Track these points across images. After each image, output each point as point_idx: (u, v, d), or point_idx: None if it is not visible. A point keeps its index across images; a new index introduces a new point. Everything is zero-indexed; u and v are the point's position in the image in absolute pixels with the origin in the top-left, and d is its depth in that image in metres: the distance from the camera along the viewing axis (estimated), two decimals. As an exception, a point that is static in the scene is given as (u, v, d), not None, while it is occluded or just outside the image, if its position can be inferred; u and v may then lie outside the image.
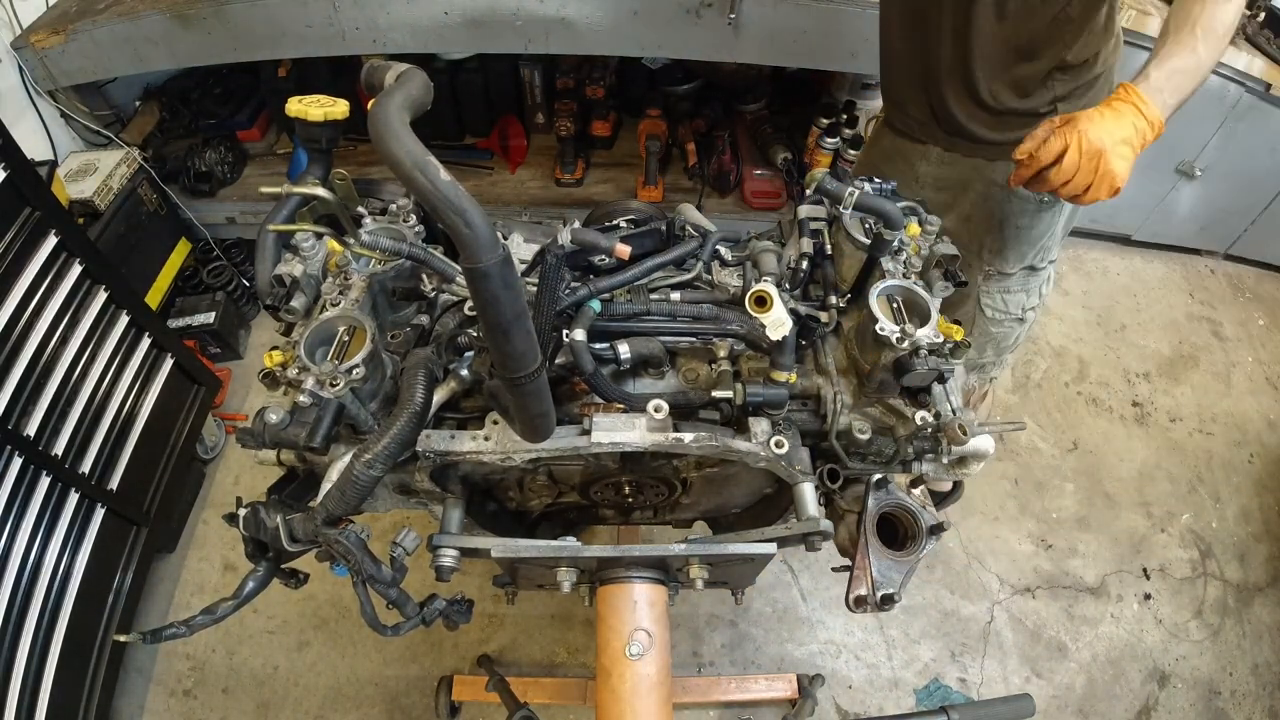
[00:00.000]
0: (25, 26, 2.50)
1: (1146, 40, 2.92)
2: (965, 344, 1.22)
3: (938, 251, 1.26)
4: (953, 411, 1.17)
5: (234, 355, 2.95)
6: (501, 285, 0.77)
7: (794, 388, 1.15)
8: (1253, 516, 2.90)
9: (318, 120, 1.19)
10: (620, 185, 3.20)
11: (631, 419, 1.11)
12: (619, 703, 1.16)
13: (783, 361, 1.13)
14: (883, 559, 1.13)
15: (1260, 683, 2.47)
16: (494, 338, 0.84)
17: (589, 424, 1.10)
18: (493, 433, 1.12)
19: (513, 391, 0.93)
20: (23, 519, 1.72)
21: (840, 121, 3.00)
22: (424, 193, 0.71)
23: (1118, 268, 3.84)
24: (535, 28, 2.43)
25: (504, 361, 0.87)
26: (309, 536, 1.01)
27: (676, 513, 1.60)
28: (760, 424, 1.15)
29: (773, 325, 1.07)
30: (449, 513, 1.23)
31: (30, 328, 1.73)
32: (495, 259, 0.75)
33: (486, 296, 0.78)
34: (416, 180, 0.70)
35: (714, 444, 1.10)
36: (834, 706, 2.26)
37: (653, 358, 1.18)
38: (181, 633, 1.08)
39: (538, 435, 1.05)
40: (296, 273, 1.19)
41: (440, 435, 1.11)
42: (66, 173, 2.51)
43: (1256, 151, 3.36)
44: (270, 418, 1.04)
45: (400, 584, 1.08)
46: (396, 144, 0.71)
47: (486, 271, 0.75)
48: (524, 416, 1.00)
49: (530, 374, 0.89)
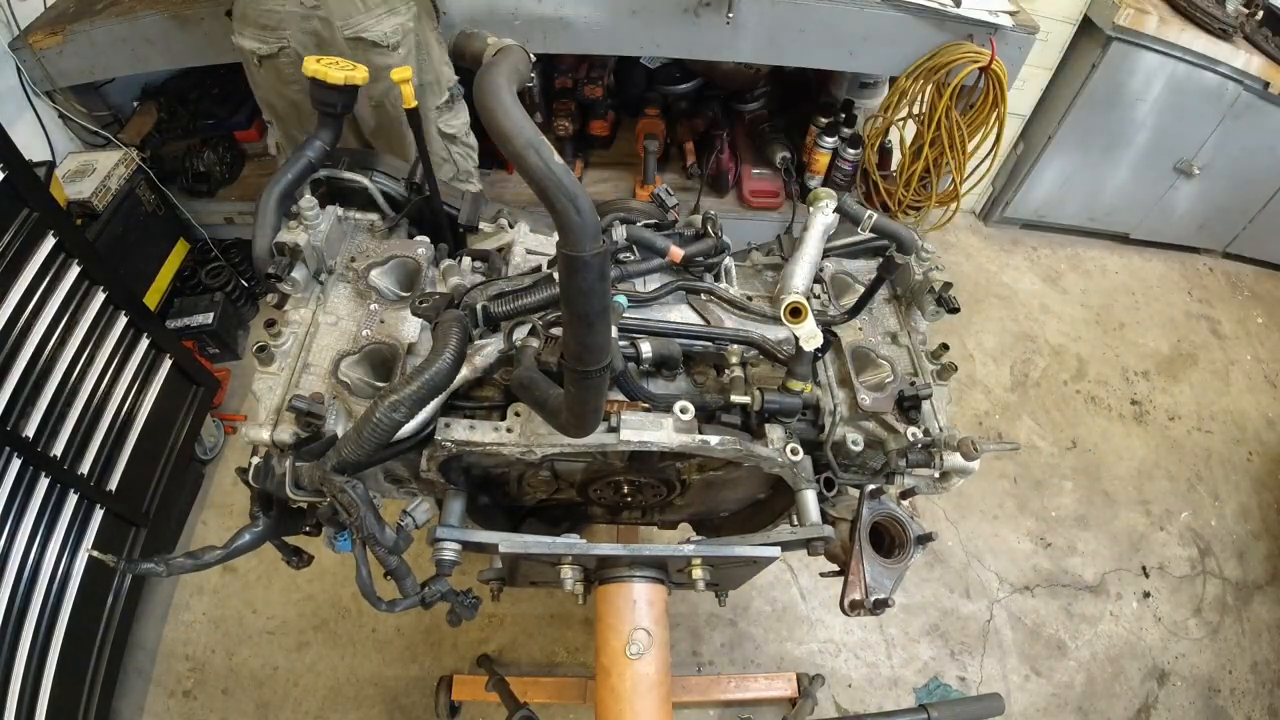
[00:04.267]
0: (23, 27, 2.49)
1: (1146, 40, 2.93)
2: (951, 366, 1.27)
3: (932, 278, 1.30)
4: (939, 429, 1.22)
5: (232, 356, 2.94)
6: (598, 277, 0.76)
7: (809, 398, 1.18)
8: (1251, 514, 2.90)
9: (336, 83, 1.14)
10: (618, 185, 3.20)
11: (658, 419, 1.11)
12: (619, 702, 1.16)
13: (800, 372, 1.16)
14: (875, 565, 1.15)
15: (1260, 680, 2.47)
16: (578, 328, 0.82)
17: (616, 421, 1.10)
18: (515, 424, 1.10)
19: (579, 384, 0.91)
20: (22, 520, 1.72)
21: (839, 121, 3.00)
22: (535, 173, 0.69)
23: (1116, 266, 3.84)
24: (533, 27, 2.42)
25: (581, 353, 0.86)
26: (314, 484, 0.97)
27: (666, 514, 1.61)
28: (775, 431, 1.17)
29: (806, 337, 1.10)
30: (450, 504, 1.22)
31: (29, 329, 1.72)
32: (598, 250, 0.73)
33: (582, 286, 0.76)
34: (528, 159, 0.68)
35: (738, 448, 1.11)
36: (834, 705, 2.26)
37: (670, 359, 1.19)
38: (158, 570, 1.03)
39: (584, 430, 1.02)
40: (300, 241, 1.15)
41: (460, 424, 1.09)
42: (65, 173, 2.50)
43: (1255, 150, 3.36)
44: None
45: (403, 553, 1.04)
46: (508, 119, 0.69)
47: (588, 262, 0.74)
48: (579, 410, 0.97)
49: (604, 367, 0.88)
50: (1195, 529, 2.83)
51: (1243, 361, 3.47)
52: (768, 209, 3.14)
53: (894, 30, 2.52)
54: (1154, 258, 3.91)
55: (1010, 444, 1.34)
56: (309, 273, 1.17)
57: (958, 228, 3.81)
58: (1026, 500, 2.82)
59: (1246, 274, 3.95)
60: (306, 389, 1.10)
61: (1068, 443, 3.02)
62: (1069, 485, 2.89)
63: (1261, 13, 3.15)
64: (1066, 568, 2.66)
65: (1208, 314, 3.68)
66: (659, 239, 1.18)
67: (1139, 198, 3.65)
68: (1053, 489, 2.87)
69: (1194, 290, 3.79)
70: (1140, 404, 3.21)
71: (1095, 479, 2.92)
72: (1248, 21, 3.10)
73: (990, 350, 3.32)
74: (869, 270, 1.43)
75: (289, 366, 1.13)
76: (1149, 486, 2.93)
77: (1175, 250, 3.95)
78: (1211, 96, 3.14)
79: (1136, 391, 3.26)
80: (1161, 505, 2.88)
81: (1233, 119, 3.22)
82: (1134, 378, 3.31)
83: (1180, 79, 3.08)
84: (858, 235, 1.41)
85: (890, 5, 2.46)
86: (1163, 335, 3.52)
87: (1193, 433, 3.14)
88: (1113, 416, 3.15)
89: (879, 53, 2.60)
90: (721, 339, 1.22)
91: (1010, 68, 2.59)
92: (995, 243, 3.84)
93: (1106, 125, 3.28)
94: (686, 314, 1.29)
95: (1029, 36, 2.58)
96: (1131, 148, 3.40)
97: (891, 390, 1.22)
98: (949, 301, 1.28)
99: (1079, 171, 3.53)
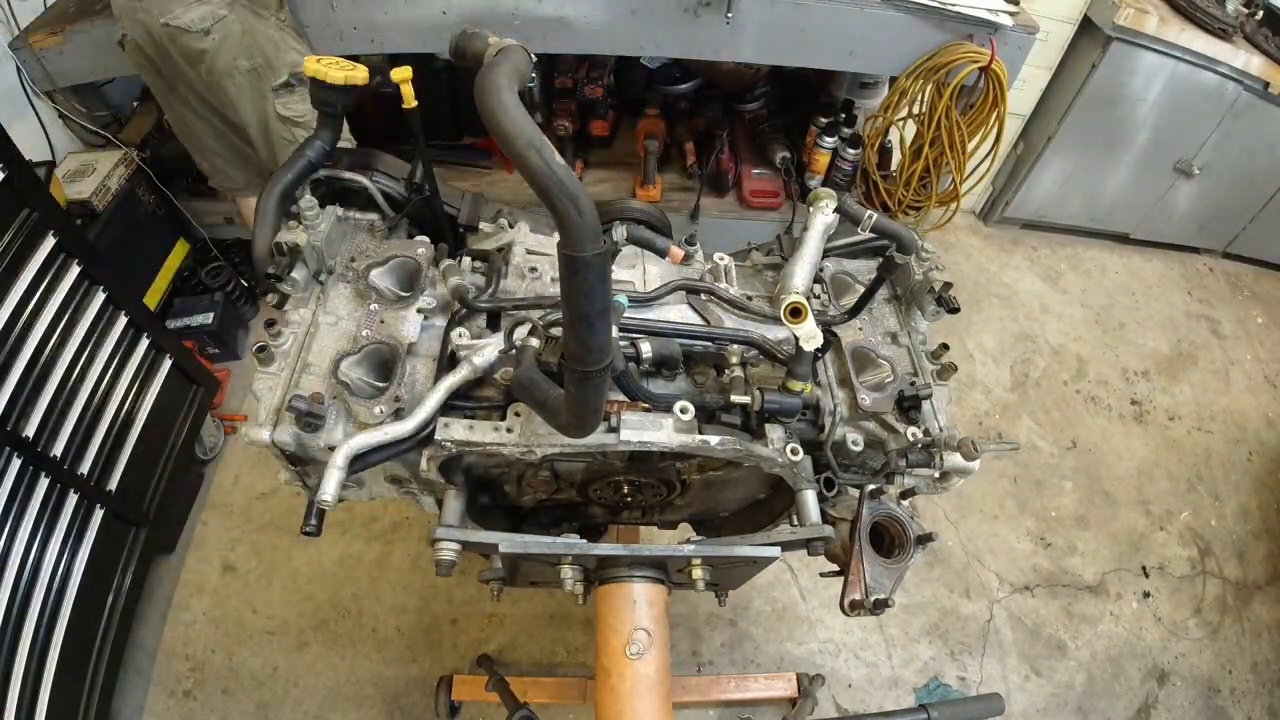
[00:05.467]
0: (23, 27, 2.49)
1: (1146, 40, 2.93)
2: (951, 366, 1.27)
3: (932, 279, 1.30)
4: (939, 429, 1.22)
5: (232, 356, 2.94)
6: (599, 278, 0.76)
7: (810, 398, 1.17)
8: (1251, 514, 2.91)
9: (337, 83, 1.13)
10: (618, 185, 3.20)
11: (658, 419, 1.11)
12: (618, 702, 1.16)
13: (800, 372, 1.15)
14: (875, 565, 1.15)
15: (1260, 680, 2.47)
16: (578, 328, 0.82)
17: (616, 421, 1.10)
18: (515, 424, 1.10)
19: (580, 384, 0.91)
20: (22, 520, 1.72)
21: (839, 120, 3.00)
22: (536, 173, 0.69)
23: (1116, 266, 3.84)
24: (533, 27, 2.42)
25: (582, 353, 0.86)
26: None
27: (667, 514, 1.61)
28: (775, 431, 1.17)
29: (806, 337, 1.09)
30: (449, 505, 1.21)
31: (29, 329, 1.72)
32: (598, 250, 0.74)
33: (583, 286, 0.77)
34: (529, 159, 0.69)
35: (738, 448, 1.11)
36: (833, 705, 2.26)
37: (671, 358, 1.18)
38: None
39: (584, 430, 1.02)
40: (300, 241, 1.15)
41: (460, 424, 1.09)
42: (64, 173, 2.51)
43: (1255, 149, 3.37)
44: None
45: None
46: (509, 119, 0.69)
47: (589, 262, 0.74)
48: (579, 410, 0.97)
49: (604, 368, 0.88)
50: (1195, 529, 2.83)
51: (1243, 361, 3.47)
52: (768, 209, 3.14)
53: (894, 30, 2.52)
54: (1154, 258, 3.91)
55: (1010, 444, 1.35)
56: (309, 273, 1.17)
57: (958, 228, 3.81)
58: (1026, 500, 2.82)
59: (1246, 274, 3.95)
60: (306, 389, 1.10)
61: (1068, 443, 3.02)
62: (1069, 485, 2.89)
63: (1261, 13, 3.15)
64: (1066, 568, 2.66)
65: (1208, 314, 3.68)
66: (658, 239, 1.18)
67: (1139, 198, 3.65)
68: (1053, 489, 2.87)
69: (1194, 290, 3.79)
70: (1140, 404, 3.21)
71: (1095, 479, 2.92)
72: (1248, 21, 3.10)
73: (990, 350, 3.32)
74: (869, 270, 1.43)
75: (289, 366, 1.13)
76: (1149, 486, 2.93)
77: (1175, 250, 3.95)
78: (1211, 96, 3.15)
79: (1136, 391, 3.26)
80: (1161, 505, 2.88)
81: (1233, 119, 3.22)
82: (1134, 378, 3.31)
83: (1180, 79, 3.08)
84: (858, 235, 1.41)
85: (890, 5, 2.46)
86: (1163, 335, 3.52)
87: (1193, 433, 3.14)
88: (1113, 416, 3.15)
89: (879, 53, 2.60)
90: (721, 339, 1.22)
91: (1010, 68, 2.59)
92: (995, 243, 3.84)
93: (1106, 125, 3.28)
94: (687, 314, 1.29)
95: (1029, 36, 2.58)
96: (1131, 148, 3.40)
97: (891, 390, 1.22)
98: (949, 301, 1.29)
99: (1079, 171, 3.53)
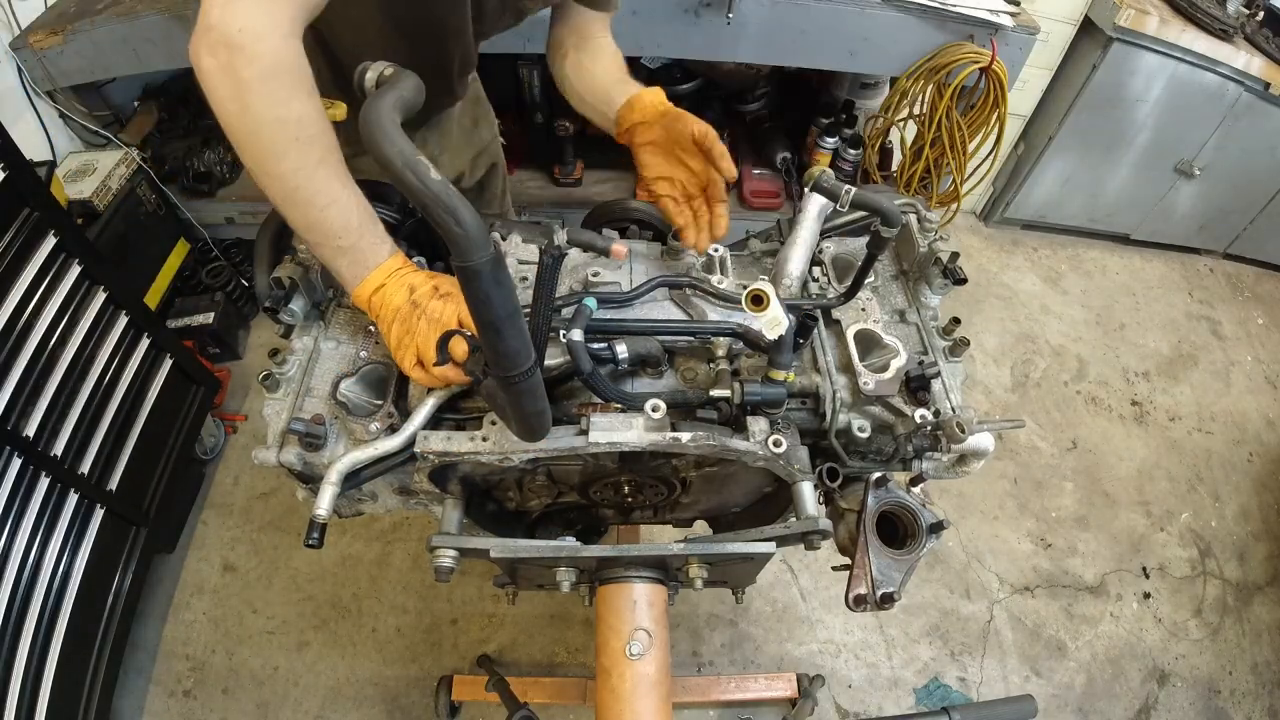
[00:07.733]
0: (24, 27, 2.49)
1: (1147, 40, 2.93)
2: (964, 341, 1.22)
3: (937, 249, 1.26)
4: (952, 409, 1.17)
5: (233, 355, 2.94)
6: (493, 283, 0.78)
7: (792, 386, 1.15)
8: (1252, 515, 2.90)
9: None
10: (620, 185, 3.19)
11: (629, 419, 1.11)
12: (619, 702, 1.16)
13: (781, 360, 1.12)
14: (883, 557, 1.12)
15: (1260, 681, 2.47)
16: (486, 335, 0.84)
17: (586, 424, 1.10)
18: (490, 433, 1.11)
19: (507, 390, 0.93)
20: (22, 520, 1.72)
21: (839, 121, 3.00)
22: (414, 191, 0.72)
23: (1116, 267, 3.84)
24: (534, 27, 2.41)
25: (497, 359, 0.88)
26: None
27: (677, 512, 1.60)
28: (758, 423, 1.14)
29: (769, 324, 1.07)
30: (448, 513, 1.23)
31: (29, 328, 1.72)
32: (486, 257, 0.75)
33: (479, 294, 0.79)
34: (407, 179, 0.71)
35: (711, 443, 1.10)
36: (834, 706, 2.26)
37: (650, 357, 1.17)
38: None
39: (534, 435, 1.05)
40: (296, 275, 1.18)
41: (438, 436, 1.11)
42: (65, 173, 2.51)
43: (1256, 150, 3.36)
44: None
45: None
46: (388, 143, 0.71)
47: (478, 270, 0.76)
48: (519, 415, 1.00)
49: (523, 372, 0.90)
50: (1195, 530, 2.83)
51: (1243, 362, 3.47)
52: (768, 209, 3.14)
53: (894, 31, 2.52)
54: (1154, 258, 3.91)
55: (1014, 420, 1.29)
56: (306, 303, 1.21)
57: (958, 228, 3.82)
58: (1027, 501, 2.82)
59: (1247, 275, 3.95)
60: (310, 411, 1.15)
61: (1068, 443, 3.02)
62: (1069, 486, 2.89)
63: (1262, 13, 3.15)
64: (1067, 568, 2.65)
65: (1208, 315, 3.68)
66: (599, 239, 1.16)
67: (1139, 198, 3.65)
68: (1053, 489, 2.87)
69: (1195, 291, 3.79)
70: (1141, 405, 3.21)
71: (1095, 479, 2.92)
72: (1248, 22, 3.10)
73: (990, 351, 3.32)
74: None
75: (293, 391, 1.17)
76: (1149, 487, 2.93)
77: (1176, 251, 3.95)
78: (1212, 97, 3.14)
79: (1137, 392, 3.26)
80: (1162, 506, 2.88)
81: (1233, 120, 3.22)
82: (1134, 378, 3.31)
83: (1181, 80, 3.08)
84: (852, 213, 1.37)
85: (891, 6, 2.46)
86: (1163, 336, 3.52)
87: (1193, 433, 3.14)
88: (1113, 417, 3.15)
89: (879, 53, 2.60)
90: (701, 332, 1.19)
91: (1011, 68, 2.59)
92: (995, 243, 3.85)
93: (1107, 126, 3.28)
94: (671, 310, 1.28)
95: (1030, 37, 2.57)
96: (1132, 148, 3.40)
97: (896, 371, 1.17)
98: (955, 272, 1.23)
99: (1079, 172, 3.53)
